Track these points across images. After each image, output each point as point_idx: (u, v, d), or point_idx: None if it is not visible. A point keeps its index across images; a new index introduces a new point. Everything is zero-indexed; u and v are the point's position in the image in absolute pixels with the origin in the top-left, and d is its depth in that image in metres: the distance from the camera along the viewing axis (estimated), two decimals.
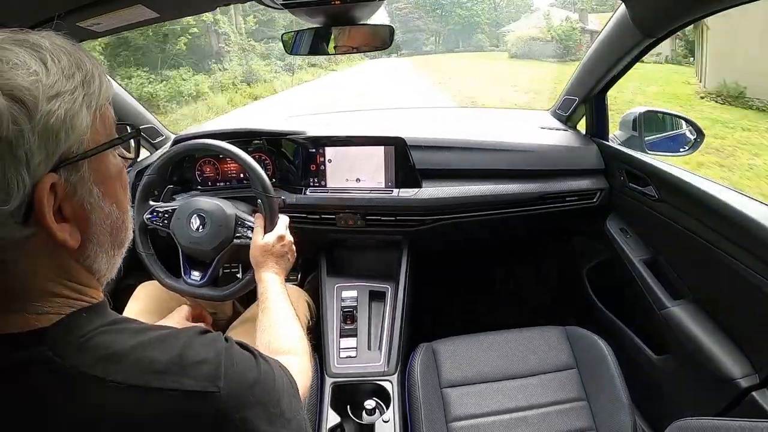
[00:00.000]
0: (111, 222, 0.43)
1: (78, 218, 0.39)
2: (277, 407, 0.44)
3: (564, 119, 1.43)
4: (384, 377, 1.07)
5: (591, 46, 1.21)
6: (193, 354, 0.41)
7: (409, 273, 1.27)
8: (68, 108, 0.36)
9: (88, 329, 0.39)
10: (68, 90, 0.37)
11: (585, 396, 1.00)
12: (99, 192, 0.41)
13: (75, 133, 0.37)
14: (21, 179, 0.34)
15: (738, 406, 0.87)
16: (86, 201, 0.40)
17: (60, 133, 0.36)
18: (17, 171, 0.34)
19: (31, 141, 0.34)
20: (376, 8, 0.95)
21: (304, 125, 1.32)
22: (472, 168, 1.27)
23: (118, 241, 0.45)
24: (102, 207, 0.41)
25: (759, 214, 0.84)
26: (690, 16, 0.90)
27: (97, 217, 0.41)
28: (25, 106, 0.34)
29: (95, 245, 0.42)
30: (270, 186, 0.98)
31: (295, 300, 1.14)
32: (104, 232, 0.42)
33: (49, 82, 0.36)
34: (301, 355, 0.72)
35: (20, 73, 0.34)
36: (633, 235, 1.24)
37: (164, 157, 1.04)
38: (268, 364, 0.47)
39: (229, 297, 1.01)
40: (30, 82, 0.35)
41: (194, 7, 1.00)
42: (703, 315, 1.00)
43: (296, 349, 0.73)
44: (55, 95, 0.36)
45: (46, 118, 0.35)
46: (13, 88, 0.34)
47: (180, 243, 1.02)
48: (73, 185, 0.38)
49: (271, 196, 0.96)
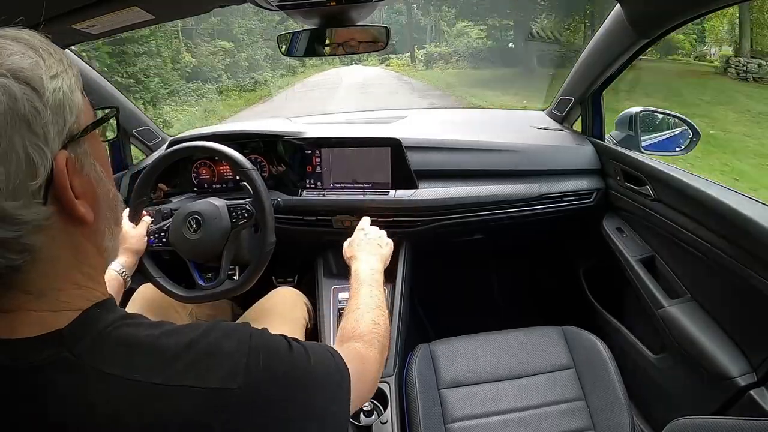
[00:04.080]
0: (112, 196, 0.44)
1: (87, 194, 0.40)
2: (307, 404, 0.43)
3: (560, 119, 1.43)
4: (381, 378, 1.07)
5: (587, 46, 1.21)
6: (213, 345, 0.40)
7: (405, 274, 1.26)
8: (69, 85, 0.38)
9: (104, 325, 0.39)
10: (63, 70, 0.38)
11: (583, 396, 1.00)
12: (100, 168, 0.42)
13: (75, 110, 0.39)
14: (43, 155, 0.35)
15: (736, 404, 0.87)
16: (92, 176, 0.41)
17: (66, 108, 0.37)
18: (38, 147, 0.35)
19: (46, 117, 0.35)
20: (373, 9, 0.96)
21: (300, 127, 1.32)
22: (468, 168, 1.27)
23: (116, 217, 0.46)
24: (104, 181, 0.43)
25: (756, 213, 0.84)
26: (685, 16, 0.90)
27: (102, 191, 0.42)
28: (33, 86, 0.35)
29: (102, 221, 0.43)
30: (243, 160, 1.01)
31: (292, 301, 1.15)
32: (108, 207, 0.44)
33: (48, 64, 0.37)
34: (366, 342, 0.67)
35: (20, 57, 0.36)
36: (630, 234, 1.24)
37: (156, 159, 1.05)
38: (306, 353, 0.46)
39: (250, 282, 1.02)
40: (31, 64, 0.36)
41: (189, 8, 1.00)
42: (700, 314, 1.00)
43: (364, 335, 0.68)
44: (55, 75, 0.37)
45: (54, 94, 0.36)
46: (17, 70, 0.35)
47: (183, 254, 1.03)
48: (81, 161, 0.39)
49: (246, 170, 1.00)
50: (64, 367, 0.36)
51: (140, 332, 0.40)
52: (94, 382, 0.36)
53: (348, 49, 1.01)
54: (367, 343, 0.67)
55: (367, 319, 0.72)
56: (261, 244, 1.00)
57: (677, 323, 1.00)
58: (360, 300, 0.77)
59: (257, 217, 1.01)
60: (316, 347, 0.48)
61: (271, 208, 1.01)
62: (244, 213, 1.01)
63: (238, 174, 1.01)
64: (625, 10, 0.98)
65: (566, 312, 1.53)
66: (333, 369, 0.49)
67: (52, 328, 0.37)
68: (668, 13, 0.92)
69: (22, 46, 0.37)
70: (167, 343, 0.39)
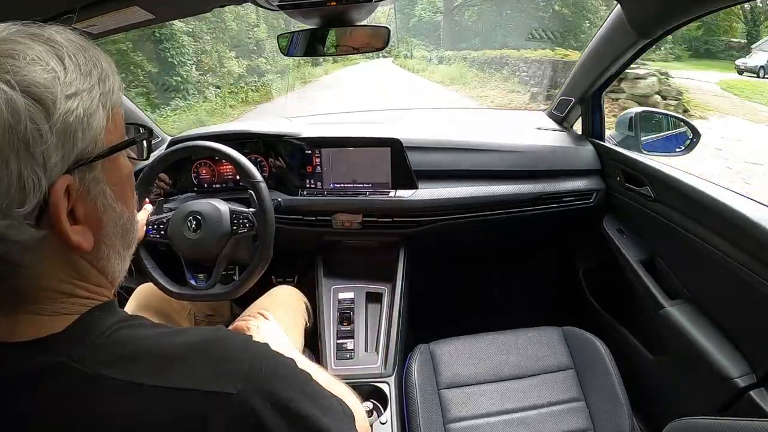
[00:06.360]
0: (122, 223, 0.42)
1: (90, 220, 0.38)
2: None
3: (560, 120, 1.43)
4: (381, 379, 1.07)
5: (587, 47, 1.21)
6: (214, 349, 0.39)
7: (405, 274, 1.27)
8: (86, 107, 0.35)
9: (103, 328, 0.38)
10: (86, 89, 0.36)
11: (582, 396, 1.00)
12: (111, 193, 0.40)
13: (91, 133, 0.36)
14: (37, 180, 0.33)
15: (735, 405, 0.87)
16: (99, 202, 0.39)
17: (77, 133, 0.35)
18: (34, 172, 0.33)
19: (48, 141, 0.33)
20: (373, 9, 0.96)
21: (300, 127, 1.32)
22: (469, 169, 1.27)
23: (127, 242, 0.44)
24: (114, 208, 0.40)
25: (755, 214, 0.84)
26: (686, 16, 0.90)
27: (109, 218, 0.40)
28: (43, 105, 0.33)
29: (107, 247, 0.41)
30: (254, 171, 1.00)
31: (293, 300, 1.14)
32: (116, 234, 0.41)
33: (68, 80, 0.34)
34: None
35: (37, 69, 0.33)
36: (630, 235, 1.24)
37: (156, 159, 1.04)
38: (308, 372, 0.45)
39: (241, 290, 1.01)
40: (48, 79, 0.33)
41: (189, 8, 1.00)
42: (700, 315, 1.00)
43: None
44: (74, 94, 0.35)
45: (64, 117, 0.34)
46: (30, 84, 0.32)
47: (180, 250, 1.02)
48: (87, 186, 0.37)
49: (255, 181, 0.99)
50: (62, 371, 0.35)
51: (140, 334, 0.39)
52: (93, 386, 0.35)
53: (348, 49, 1.02)
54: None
55: None
56: (258, 256, 0.99)
57: (677, 324, 1.00)
58: None
59: (258, 229, 1.00)
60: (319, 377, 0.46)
61: (273, 224, 1.00)
62: (245, 222, 1.01)
63: (246, 183, 1.00)
64: (625, 10, 0.98)
65: (566, 312, 1.53)
66: (336, 401, 0.46)
67: (50, 331, 0.36)
68: (668, 13, 0.92)
69: (48, 51, 0.34)
70: (167, 346, 0.39)
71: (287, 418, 0.38)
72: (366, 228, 1.25)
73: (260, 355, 0.41)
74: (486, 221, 1.25)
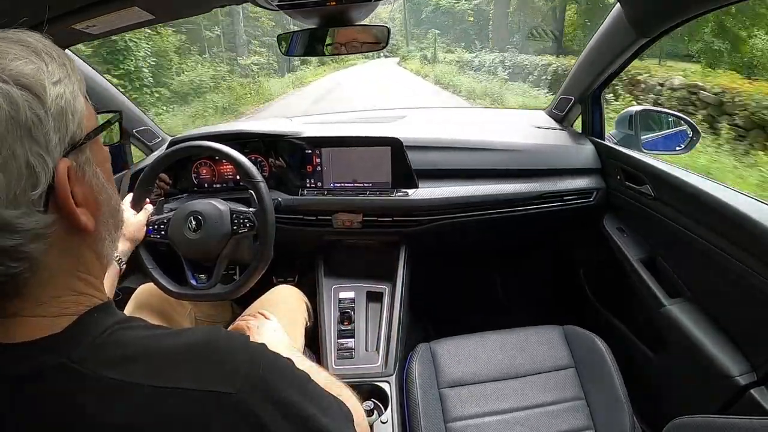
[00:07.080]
0: (113, 203, 0.44)
1: (89, 201, 0.39)
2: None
3: (560, 119, 1.43)
4: (382, 378, 1.07)
5: (587, 46, 1.21)
6: (213, 349, 0.40)
7: (406, 273, 1.27)
8: (71, 91, 0.38)
9: (103, 329, 0.39)
10: (66, 76, 0.38)
11: (583, 395, 1.00)
12: (102, 173, 0.42)
13: (78, 117, 0.38)
14: (44, 163, 0.35)
15: (736, 403, 0.87)
16: (94, 183, 0.40)
17: (69, 115, 0.37)
18: (39, 155, 0.34)
19: (48, 125, 0.35)
20: (373, 9, 0.96)
21: (300, 126, 1.32)
22: (469, 168, 1.27)
23: (117, 222, 0.45)
24: (106, 188, 0.42)
25: (755, 212, 0.84)
26: (685, 15, 0.90)
27: (104, 198, 0.42)
28: (35, 92, 0.35)
29: (103, 228, 0.42)
30: (254, 170, 1.00)
31: (293, 299, 1.15)
32: (110, 213, 0.43)
33: (50, 70, 0.37)
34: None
35: (21, 63, 0.35)
36: (630, 233, 1.24)
37: (157, 159, 1.05)
38: (307, 373, 0.45)
39: (242, 290, 1.02)
40: (33, 70, 0.35)
41: (189, 8, 1.00)
42: (700, 313, 1.00)
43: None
44: (58, 81, 0.37)
45: (56, 101, 0.36)
46: (19, 76, 0.34)
47: (180, 250, 1.02)
48: (83, 168, 0.39)
49: (256, 181, 0.99)
50: (61, 372, 0.35)
51: (139, 335, 0.39)
52: (92, 386, 0.36)
53: (348, 49, 1.01)
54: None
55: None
56: (258, 257, 1.00)
57: (677, 322, 1.00)
58: None
59: (259, 229, 1.01)
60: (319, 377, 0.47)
61: (273, 224, 1.00)
62: (246, 222, 1.01)
63: (246, 182, 1.00)
64: (625, 9, 0.98)
65: (566, 311, 1.53)
66: (335, 401, 0.47)
67: (49, 332, 0.37)
68: (668, 13, 0.92)
69: (24, 50, 0.36)
70: (166, 346, 0.39)
71: (287, 418, 0.39)
72: (366, 227, 1.25)
73: (259, 355, 0.41)
74: (487, 220, 1.25)
